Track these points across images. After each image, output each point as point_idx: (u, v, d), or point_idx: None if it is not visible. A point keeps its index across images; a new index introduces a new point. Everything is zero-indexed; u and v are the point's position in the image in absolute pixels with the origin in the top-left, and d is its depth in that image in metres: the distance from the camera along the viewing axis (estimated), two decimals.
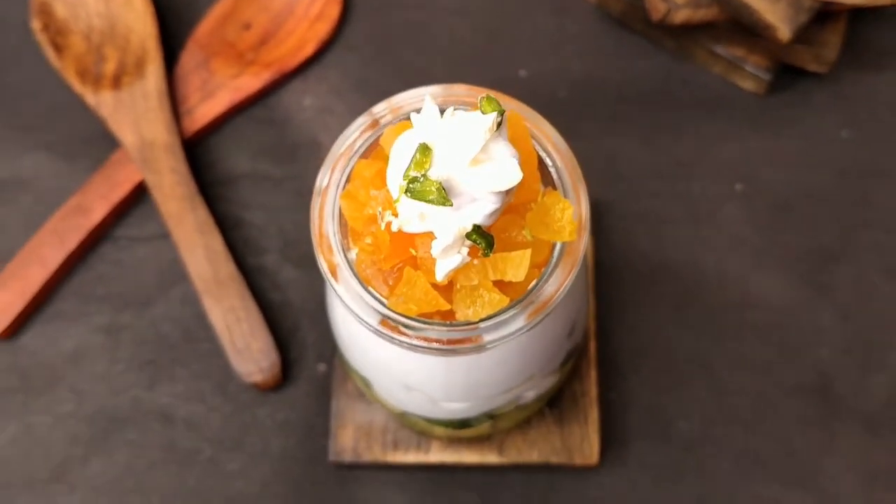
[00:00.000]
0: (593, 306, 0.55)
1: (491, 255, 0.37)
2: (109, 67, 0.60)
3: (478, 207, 0.36)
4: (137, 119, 0.58)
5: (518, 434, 0.52)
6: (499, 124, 0.36)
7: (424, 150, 0.35)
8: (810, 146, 0.59)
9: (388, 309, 0.39)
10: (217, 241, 0.56)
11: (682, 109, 0.60)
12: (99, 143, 0.59)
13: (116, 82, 0.59)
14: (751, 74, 0.59)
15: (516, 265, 0.38)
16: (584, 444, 0.52)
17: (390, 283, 0.39)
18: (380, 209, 0.38)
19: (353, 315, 0.40)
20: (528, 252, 0.38)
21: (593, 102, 0.60)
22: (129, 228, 0.58)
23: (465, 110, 0.38)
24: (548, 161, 0.41)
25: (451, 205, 0.35)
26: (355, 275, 0.40)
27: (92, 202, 0.57)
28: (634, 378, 0.55)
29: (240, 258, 0.57)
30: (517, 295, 0.39)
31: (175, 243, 0.56)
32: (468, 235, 0.37)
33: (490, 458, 0.52)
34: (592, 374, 0.53)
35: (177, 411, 0.55)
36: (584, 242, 0.40)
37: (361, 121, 0.42)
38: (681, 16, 0.56)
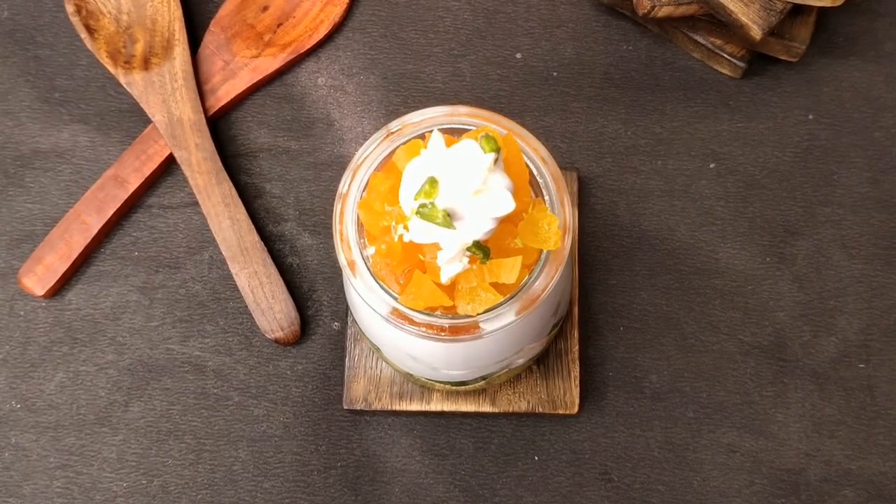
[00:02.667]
0: (577, 273, 0.62)
1: (488, 262, 0.45)
2: (139, 49, 0.65)
3: (477, 227, 0.44)
4: (166, 98, 0.64)
5: (509, 387, 0.60)
6: (496, 161, 0.43)
7: (433, 182, 0.43)
8: (779, 127, 0.64)
9: (399, 303, 0.47)
10: (241, 212, 0.62)
11: (664, 91, 0.65)
12: (131, 118, 0.64)
13: (146, 63, 0.65)
14: (728, 61, 0.65)
15: (509, 270, 0.45)
16: (567, 395, 0.60)
17: (401, 282, 0.47)
18: (393, 223, 0.45)
19: (366, 304, 0.47)
20: (520, 258, 0.46)
21: (583, 83, 0.65)
22: (161, 197, 0.63)
23: (468, 137, 0.45)
24: (537, 174, 0.48)
25: (454, 228, 0.43)
26: (371, 272, 0.47)
27: (127, 174, 0.62)
28: (612, 337, 0.61)
29: (261, 226, 0.62)
30: (510, 292, 0.47)
31: (203, 213, 0.63)
32: (468, 248, 0.44)
33: (484, 407, 0.60)
34: (575, 335, 0.61)
35: (207, 362, 0.60)
36: (567, 247, 0.47)
37: (378, 135, 0.49)
38: (664, 11, 0.62)
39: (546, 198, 0.48)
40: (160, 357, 0.61)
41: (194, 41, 0.65)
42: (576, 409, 0.60)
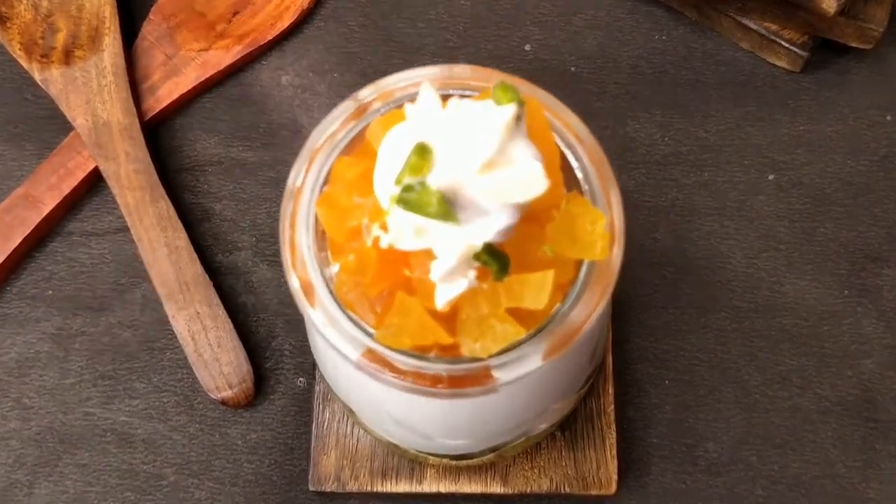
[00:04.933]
0: (610, 311, 0.46)
1: (505, 278, 0.28)
2: (59, 40, 0.50)
3: (489, 222, 0.27)
4: (91, 98, 0.49)
5: (525, 460, 0.44)
6: (518, 118, 0.26)
7: (422, 151, 0.26)
8: (850, 131, 0.51)
9: (376, 341, 0.30)
10: (181, 238, 0.47)
11: (707, 89, 0.52)
12: (50, 125, 0.51)
13: (67, 56, 0.50)
14: (785, 50, 0.50)
15: (536, 290, 0.29)
16: (601, 470, 0.44)
17: (378, 309, 0.30)
18: (365, 221, 0.29)
19: (330, 345, 0.31)
20: (551, 274, 0.29)
21: (607, 80, 0.52)
22: (83, 222, 0.50)
23: (472, 98, 0.28)
24: (571, 158, 0.32)
25: (457, 221, 0.26)
26: (334, 297, 0.31)
27: (41, 193, 0.48)
28: (655, 393, 0.47)
29: (208, 256, 0.49)
30: (536, 324, 0.30)
31: (134, 240, 0.47)
32: (477, 256, 0.28)
33: (494, 488, 0.44)
34: (609, 391, 0.45)
35: (135, 431, 0.47)
36: (618, 259, 0.31)
37: (344, 107, 0.33)
38: None
39: (585, 189, 0.31)
40: (76, 424, 0.47)
41: (130, 31, 0.52)
42: (613, 489, 0.44)
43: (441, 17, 0.53)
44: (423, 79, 0.30)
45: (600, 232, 0.29)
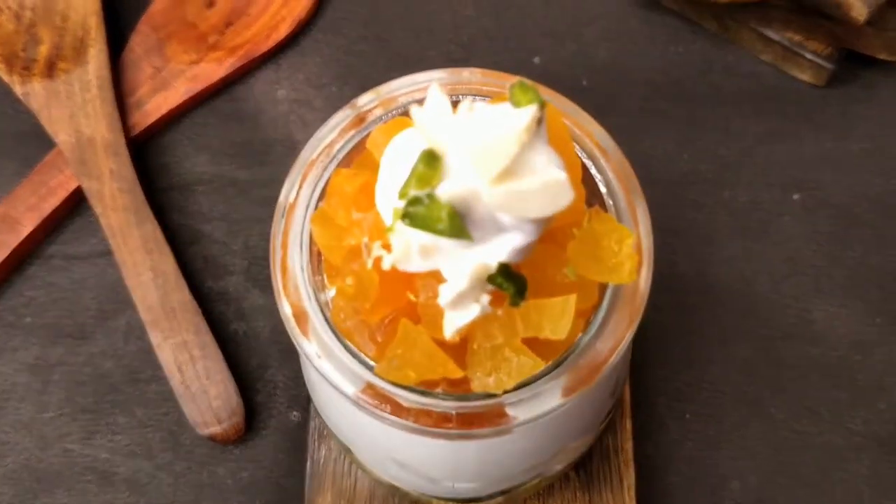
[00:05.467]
0: None
1: (522, 304, 0.25)
2: (42, 52, 0.47)
3: (505, 240, 0.23)
4: (74, 113, 0.45)
5: (537, 503, 0.40)
6: (539, 121, 0.23)
7: (430, 159, 0.23)
8: (878, 148, 0.48)
9: (376, 375, 0.26)
10: (168, 262, 0.44)
11: (727, 103, 0.48)
12: (29, 143, 0.47)
13: (50, 69, 0.46)
14: (809, 63, 0.47)
15: (556, 317, 0.25)
16: None
17: (380, 339, 0.26)
18: (365, 239, 0.25)
19: (325, 380, 0.27)
20: (573, 299, 0.25)
21: (621, 94, 0.49)
22: (65, 245, 0.47)
23: (486, 102, 0.25)
24: (594, 170, 0.28)
25: (469, 238, 0.23)
26: (331, 326, 0.27)
27: (20, 213, 0.45)
28: (676, 428, 0.43)
29: (196, 281, 0.45)
30: (555, 355, 0.26)
31: (118, 264, 0.44)
32: (491, 278, 0.24)
33: None
34: (627, 426, 0.41)
35: (118, 468, 0.43)
36: (646, 282, 0.27)
37: (342, 116, 0.29)
38: None
39: (609, 205, 0.28)
40: (54, 460, 0.43)
41: (117, 43, 0.48)
42: None
43: (445, 28, 0.50)
44: (429, 83, 0.27)
45: (628, 252, 0.26)
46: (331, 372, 0.27)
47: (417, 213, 0.23)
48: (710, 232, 0.46)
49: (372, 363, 0.27)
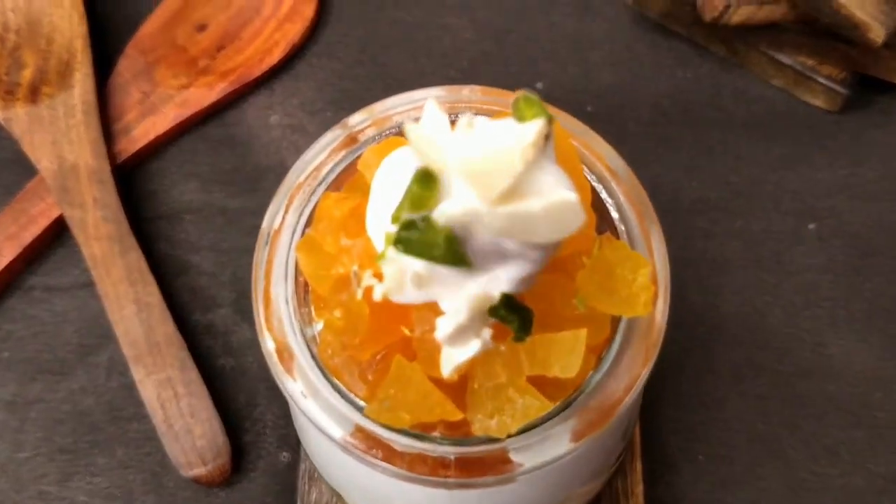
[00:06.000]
0: None
1: (527, 338, 0.22)
2: (26, 76, 0.44)
3: (509, 268, 0.21)
4: (58, 139, 0.43)
5: None
6: (546, 137, 0.20)
7: (426, 178, 0.20)
8: None
9: (367, 417, 0.24)
10: (153, 294, 0.41)
11: (738, 129, 0.46)
12: (10, 170, 0.45)
13: (34, 94, 0.44)
14: (822, 88, 0.44)
15: (566, 353, 0.23)
16: None
17: (371, 378, 0.24)
18: (355, 268, 0.23)
19: (311, 422, 0.24)
20: (583, 333, 0.23)
21: (627, 119, 0.46)
22: (45, 276, 0.44)
23: (487, 119, 0.23)
24: (604, 194, 0.26)
25: (470, 265, 0.20)
26: (318, 364, 0.24)
27: None
28: (688, 470, 0.40)
29: (182, 314, 0.43)
30: (564, 395, 0.24)
31: (101, 296, 0.41)
32: (493, 311, 0.21)
33: None
34: (637, 468, 0.38)
35: None
36: (663, 315, 0.25)
37: (332, 136, 0.27)
38: (741, 14, 0.42)
39: (621, 231, 0.25)
40: (30, 503, 0.40)
41: (105, 67, 0.45)
42: None
43: (444, 51, 0.47)
44: (425, 101, 0.24)
45: (643, 282, 0.23)
46: (317, 413, 0.24)
47: (412, 239, 0.20)
48: (722, 262, 0.43)
49: (362, 404, 0.24)
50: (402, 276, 0.21)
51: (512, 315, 0.22)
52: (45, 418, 0.41)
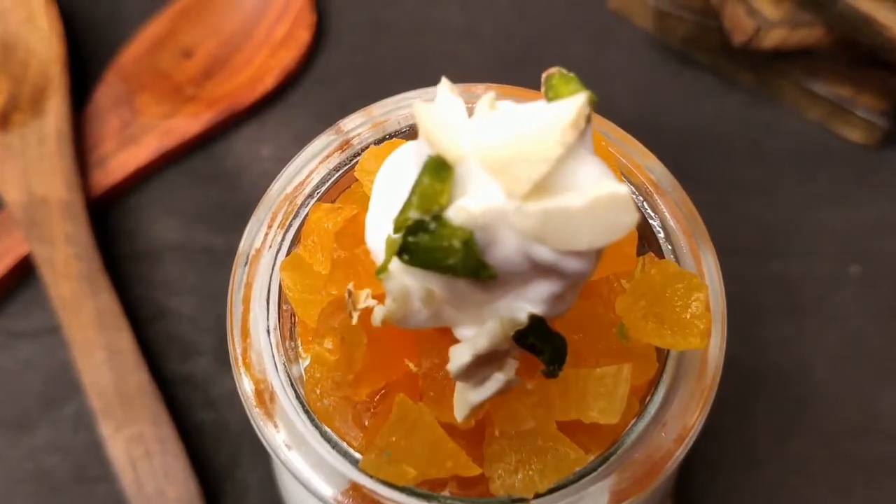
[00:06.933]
0: None
1: (559, 374, 0.18)
2: None
3: (541, 284, 0.17)
4: (27, 169, 0.39)
5: None
6: (587, 118, 0.16)
7: (439, 168, 0.16)
8: None
9: (363, 472, 0.19)
10: (124, 339, 0.37)
11: (770, 164, 0.42)
12: None
13: (4, 120, 0.40)
14: (860, 120, 0.41)
15: (606, 394, 0.18)
16: None
17: (367, 423, 0.19)
18: (350, 287, 0.18)
19: (296, 479, 0.20)
20: (627, 369, 0.18)
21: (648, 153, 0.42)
22: (9, 319, 0.40)
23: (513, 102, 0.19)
24: (647, 209, 0.22)
25: (493, 276, 0.16)
26: (304, 407, 0.20)
27: None
28: None
29: (158, 362, 0.39)
30: (604, 447, 0.19)
31: (68, 341, 0.37)
32: (519, 338, 0.17)
33: None
34: None
35: None
36: (720, 350, 0.20)
37: (324, 141, 0.23)
38: (773, 37, 0.38)
39: (667, 249, 0.21)
40: None
41: (83, 93, 0.41)
42: None
43: (452, 79, 0.44)
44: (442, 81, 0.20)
45: (700, 308, 0.19)
46: (303, 468, 0.19)
47: (420, 244, 0.16)
48: (758, 309, 0.39)
49: (357, 455, 0.19)
50: (408, 295, 0.17)
51: (543, 343, 0.17)
52: (4, 478, 0.37)
